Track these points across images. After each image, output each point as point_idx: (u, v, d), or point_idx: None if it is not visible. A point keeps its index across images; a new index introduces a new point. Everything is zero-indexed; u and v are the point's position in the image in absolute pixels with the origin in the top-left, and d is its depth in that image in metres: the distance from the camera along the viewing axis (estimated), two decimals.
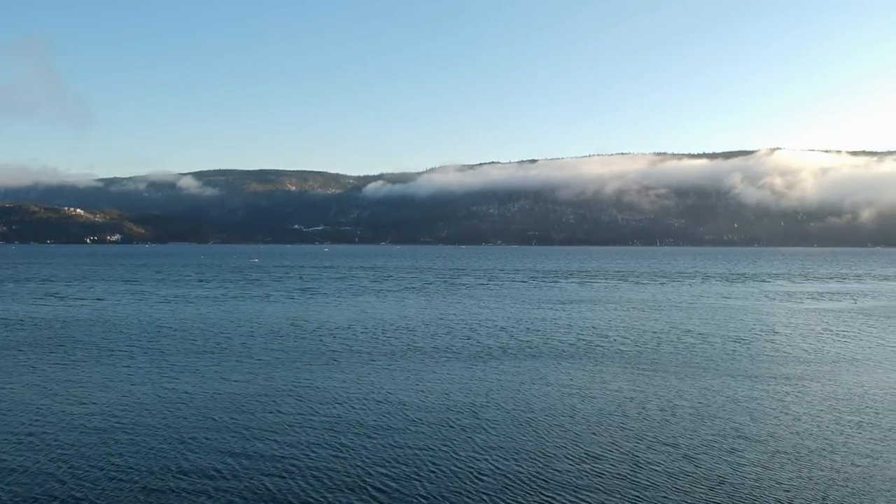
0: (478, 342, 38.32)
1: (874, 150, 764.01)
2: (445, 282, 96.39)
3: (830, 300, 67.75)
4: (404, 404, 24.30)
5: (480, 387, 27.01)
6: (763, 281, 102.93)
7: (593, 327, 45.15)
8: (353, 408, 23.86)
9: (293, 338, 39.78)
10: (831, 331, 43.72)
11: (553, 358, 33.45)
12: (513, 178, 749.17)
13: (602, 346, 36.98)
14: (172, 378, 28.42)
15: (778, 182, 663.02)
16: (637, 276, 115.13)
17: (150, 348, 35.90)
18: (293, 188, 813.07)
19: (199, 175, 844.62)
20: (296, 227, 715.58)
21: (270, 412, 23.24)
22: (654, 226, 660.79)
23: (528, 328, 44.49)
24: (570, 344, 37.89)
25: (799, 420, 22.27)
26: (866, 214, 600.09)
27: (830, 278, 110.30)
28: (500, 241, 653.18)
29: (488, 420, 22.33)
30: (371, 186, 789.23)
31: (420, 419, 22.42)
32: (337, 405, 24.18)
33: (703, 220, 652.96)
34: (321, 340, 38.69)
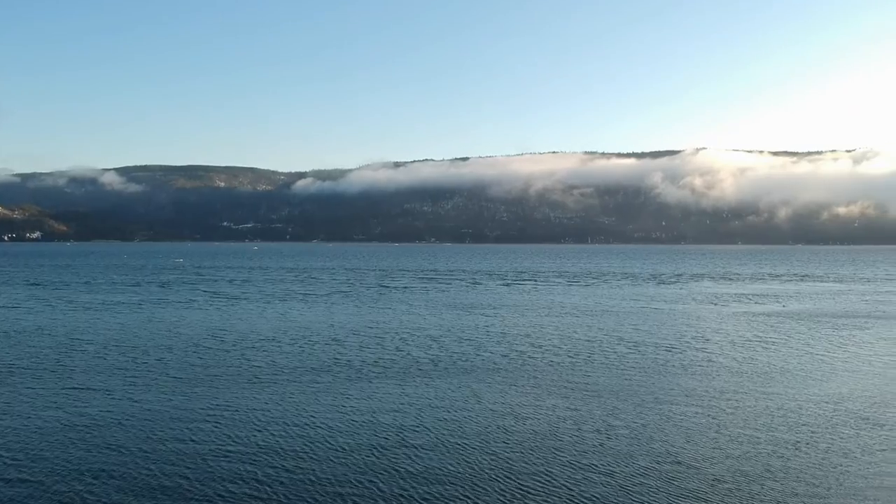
0: (408, 354, 37.05)
1: (795, 150, 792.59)
2: (376, 284, 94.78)
3: (756, 303, 68.79)
4: (329, 429, 22.92)
5: (410, 408, 25.76)
6: (689, 282, 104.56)
7: (526, 336, 44.39)
8: (274, 434, 22.38)
9: (213, 352, 37.78)
10: (760, 338, 43.94)
11: (486, 372, 32.43)
12: (445, 175, 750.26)
13: (535, 358, 36.15)
14: (80, 402, 26.34)
15: (701, 181, 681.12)
16: (568, 277, 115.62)
17: (56, 366, 33.46)
18: (222, 185, 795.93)
19: (122, 171, 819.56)
20: (225, 224, 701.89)
21: (184, 441, 21.61)
22: (585, 223, 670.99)
23: (459, 337, 43.45)
24: (503, 356, 36.96)
25: (735, 441, 21.70)
26: (783, 213, 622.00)
27: (754, 279, 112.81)
28: (433, 239, 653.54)
29: (417, 446, 21.14)
30: (300, 183, 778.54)
31: (345, 446, 21.10)
32: (257, 431, 22.65)
33: (632, 218, 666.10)
34: (243, 355, 36.82)
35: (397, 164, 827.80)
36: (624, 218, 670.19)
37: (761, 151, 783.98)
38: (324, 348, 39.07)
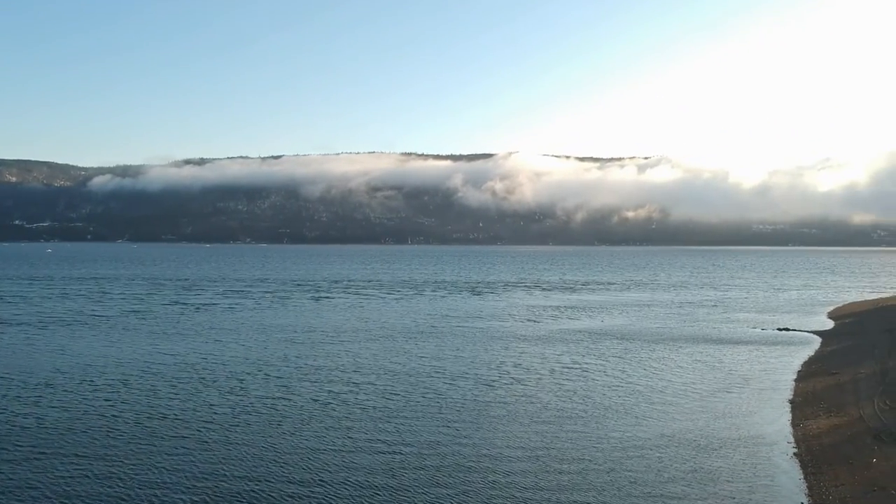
0: (206, 402, 32.72)
1: (599, 156, 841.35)
2: (177, 300, 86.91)
3: (570, 318, 69.36)
4: None
5: (204, 485, 21.68)
6: (505, 292, 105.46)
7: (340, 370, 41.02)
8: None
9: None
10: (578, 365, 43.21)
11: (295, 424, 28.87)
12: (257, 173, 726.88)
13: (349, 404, 32.93)
14: None
15: (508, 185, 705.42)
16: (384, 288, 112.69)
17: None
18: (13, 179, 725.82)
19: None
20: (17, 222, 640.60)
21: None
22: (404, 224, 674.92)
23: (267, 375, 39.42)
24: (314, 399, 33.50)
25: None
26: (580, 216, 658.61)
27: (566, 289, 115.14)
28: (249, 239, 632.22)
29: None
30: (98, 180, 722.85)
31: None
32: None
33: (450, 219, 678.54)
34: (7, 409, 30.86)
35: (203, 161, 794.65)
36: (443, 218, 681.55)
37: (568, 157, 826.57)
38: (107, 396, 33.75)
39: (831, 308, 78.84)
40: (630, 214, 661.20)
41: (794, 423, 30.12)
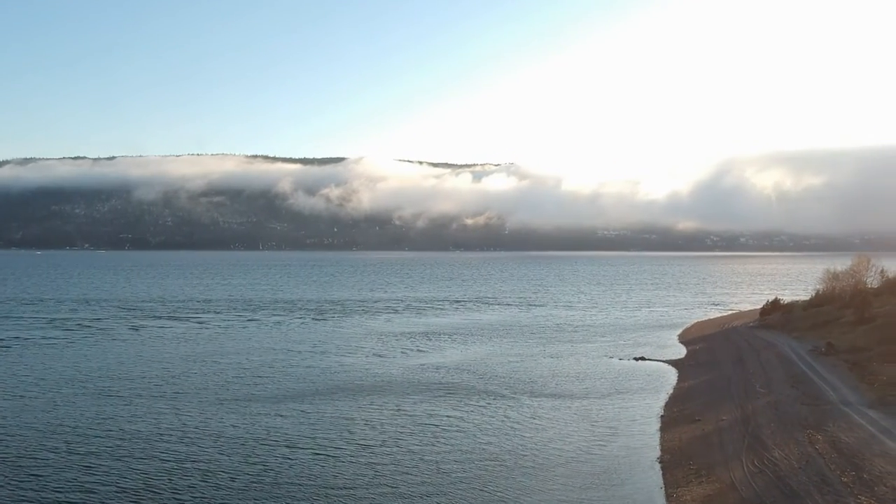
0: None
1: (454, 162, 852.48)
2: None
3: (420, 350, 65.34)
4: None
5: None
6: (351, 315, 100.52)
7: (158, 436, 35.36)
8: None
9: None
10: (431, 420, 39.46)
11: None
12: (89, 175, 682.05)
13: (164, 486, 27.72)
14: None
15: (353, 189, 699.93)
16: (220, 310, 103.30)
17: None
18: None
19: None
20: None
21: None
22: (256, 229, 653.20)
23: (57, 446, 33.21)
24: (121, 486, 27.92)
25: None
26: (424, 223, 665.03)
27: (413, 309, 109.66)
28: (88, 245, 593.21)
29: None
30: None
31: None
32: None
33: (305, 223, 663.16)
34: None
35: (27, 161, 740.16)
36: (296, 223, 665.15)
37: (422, 162, 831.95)
38: None
39: (680, 331, 78.96)
40: (469, 221, 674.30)
41: (668, 493, 27.91)
